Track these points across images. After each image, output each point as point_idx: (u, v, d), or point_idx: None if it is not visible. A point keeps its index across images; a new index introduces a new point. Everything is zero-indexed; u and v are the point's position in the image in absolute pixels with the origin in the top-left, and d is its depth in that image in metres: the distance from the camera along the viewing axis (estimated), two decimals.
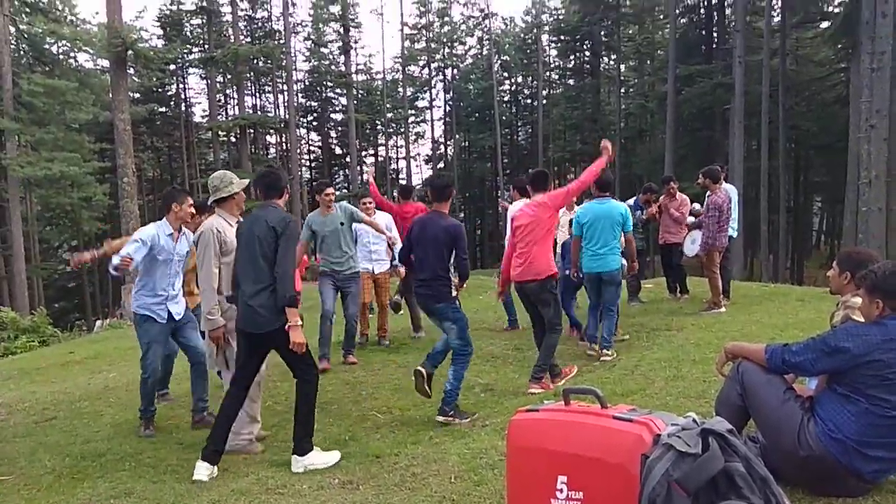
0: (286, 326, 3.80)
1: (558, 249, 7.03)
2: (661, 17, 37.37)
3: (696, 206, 8.81)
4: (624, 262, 6.38)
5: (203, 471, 3.90)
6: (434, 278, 4.73)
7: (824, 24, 27.54)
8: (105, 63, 27.92)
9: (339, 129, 45.45)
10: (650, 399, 4.32)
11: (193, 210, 5.05)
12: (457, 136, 46.65)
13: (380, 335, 7.52)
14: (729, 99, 26.13)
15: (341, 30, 38.92)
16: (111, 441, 4.87)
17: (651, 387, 4.68)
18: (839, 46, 27.08)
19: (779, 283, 13.13)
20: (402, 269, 7.18)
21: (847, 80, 25.50)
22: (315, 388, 4.08)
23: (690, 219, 8.44)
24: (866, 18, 16.65)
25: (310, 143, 47.36)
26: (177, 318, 5.03)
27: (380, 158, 47.64)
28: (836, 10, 26.14)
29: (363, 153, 46.70)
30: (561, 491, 2.10)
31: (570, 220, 6.60)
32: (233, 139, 34.46)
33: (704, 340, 5.93)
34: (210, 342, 4.45)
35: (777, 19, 27.58)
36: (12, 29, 26.92)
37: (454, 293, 4.84)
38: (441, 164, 48.23)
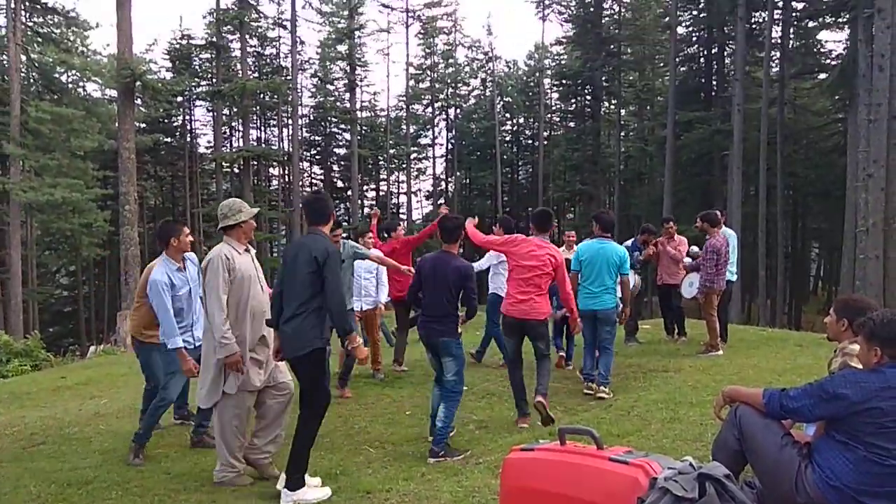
0: (348, 347, 4.03)
1: None
2: (662, 64, 38.05)
3: (695, 248, 8.84)
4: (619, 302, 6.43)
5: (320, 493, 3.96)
6: (444, 315, 4.85)
7: (822, 76, 28.06)
8: (113, 93, 28.28)
9: (342, 163, 45.79)
10: (646, 441, 4.28)
11: (191, 238, 5.20)
12: (458, 174, 47.01)
13: (374, 369, 7.47)
14: (727, 145, 26.45)
15: (348, 68, 39.51)
16: (99, 468, 4.79)
17: (647, 428, 4.63)
18: (836, 97, 27.56)
19: (776, 328, 13.10)
20: (382, 307, 7.44)
21: (844, 130, 25.87)
22: (320, 420, 4.07)
23: (687, 260, 8.47)
24: (863, 71, 17.00)
25: (312, 176, 47.67)
26: (197, 343, 4.97)
27: (381, 193, 47.94)
28: (834, 63, 26.67)
29: (364, 187, 46.99)
30: None
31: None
32: (236, 170, 34.66)
33: (702, 383, 5.90)
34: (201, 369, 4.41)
35: (776, 69, 28.11)
36: (23, 58, 27.34)
37: (458, 329, 4.95)
38: (441, 200, 48.50)
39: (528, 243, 5.43)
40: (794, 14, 26.97)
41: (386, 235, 8.04)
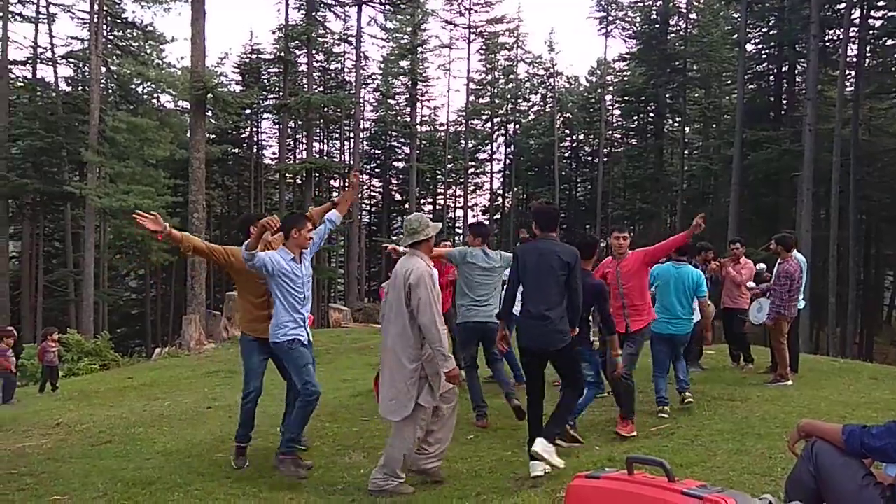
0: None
1: None
2: (729, 82, 37.06)
3: (762, 265, 8.51)
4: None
5: (535, 469, 4.31)
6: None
7: None
8: (185, 104, 29.46)
9: (401, 176, 46.38)
10: (712, 473, 4.11)
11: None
12: (515, 189, 46.90)
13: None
14: (797, 166, 25.49)
15: (409, 83, 40.10)
16: (162, 469, 4.93)
17: (712, 459, 4.45)
18: None
19: (847, 358, 12.48)
20: None
21: None
22: (578, 397, 4.83)
23: (751, 284, 8.15)
24: None
25: (371, 188, 48.43)
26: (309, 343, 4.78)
27: (438, 206, 48.21)
28: None
29: (422, 201, 47.39)
30: None
31: None
32: (299, 181, 35.51)
33: (770, 414, 5.65)
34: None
35: (850, 88, 27.00)
36: (103, 69, 28.83)
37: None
38: (498, 216, 48.42)
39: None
40: (871, 31, 25.88)
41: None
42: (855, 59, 26.32)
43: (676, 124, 40.94)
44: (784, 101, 32.45)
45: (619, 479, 2.15)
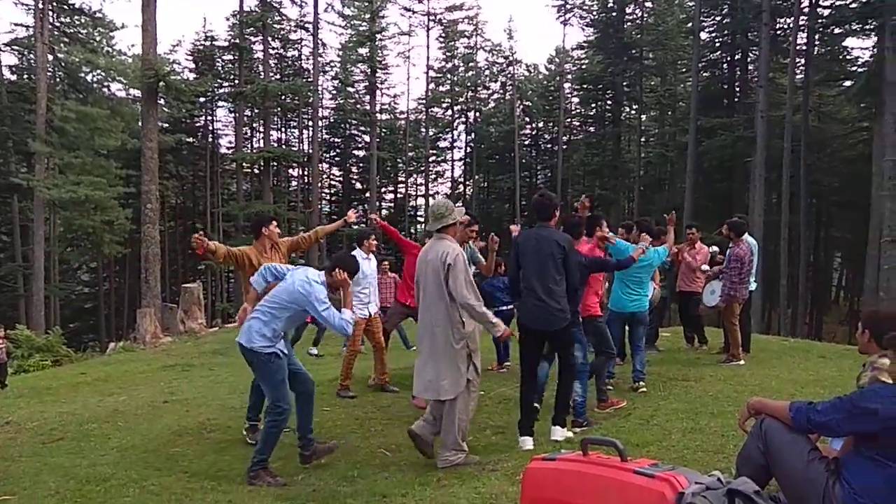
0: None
1: None
2: (684, 70, 37.72)
3: (715, 248, 8.70)
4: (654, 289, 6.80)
5: (526, 443, 4.67)
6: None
7: (848, 83, 27.63)
8: (137, 92, 28.64)
9: (361, 165, 46.00)
10: (667, 452, 4.21)
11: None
12: (476, 177, 46.98)
13: (383, 381, 7.11)
14: (749, 152, 26.14)
15: (368, 71, 39.71)
16: (117, 466, 4.82)
17: (668, 439, 4.56)
18: (862, 105, 27.11)
19: (797, 338, 12.91)
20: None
21: (870, 139, 25.44)
22: (575, 377, 5.01)
23: (705, 266, 8.34)
24: (890, 79, 16.71)
25: (331, 177, 47.92)
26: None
27: (399, 195, 48.02)
28: (860, 70, 26.25)
29: (382, 189, 47.12)
30: None
31: None
32: (256, 171, 34.95)
33: (723, 393, 5.81)
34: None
35: (800, 76, 27.74)
36: (50, 57, 27.79)
37: None
38: (459, 204, 48.41)
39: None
40: (819, 20, 26.58)
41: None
42: (805, 48, 27.03)
43: (633, 112, 41.48)
44: (737, 89, 33.17)
45: (574, 461, 2.19)
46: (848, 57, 29.79)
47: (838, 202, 31.75)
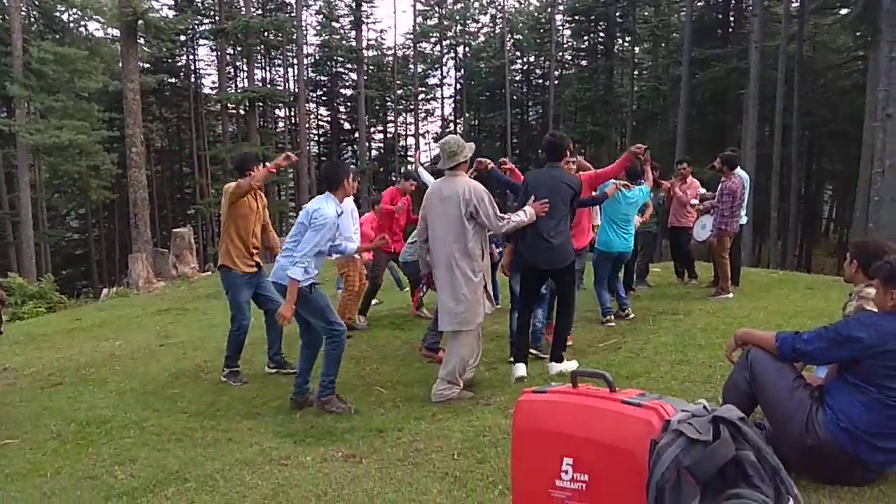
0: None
1: None
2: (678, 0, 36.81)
3: (703, 190, 8.70)
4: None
5: (519, 370, 4.81)
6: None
7: (844, 11, 27.04)
8: (115, 32, 27.72)
9: (349, 104, 45.11)
10: (655, 382, 4.31)
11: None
12: (467, 115, 46.27)
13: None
14: (743, 84, 25.76)
15: (353, 4, 38.49)
16: (116, 408, 4.90)
17: (656, 370, 4.66)
18: (858, 34, 26.57)
19: (787, 271, 13.06)
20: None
21: (865, 68, 25.05)
22: (573, 310, 5.14)
23: (694, 201, 8.34)
24: (887, 6, 16.28)
25: (319, 117, 47.08)
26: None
27: (388, 135, 47.36)
28: None
29: (372, 129, 46.43)
30: (566, 473, 2.09)
31: None
32: (241, 112, 34.22)
33: (711, 326, 5.90)
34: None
35: (795, 5, 27.09)
36: None
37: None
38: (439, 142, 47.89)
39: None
40: None
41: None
42: None
43: (626, 44, 40.62)
44: (732, 19, 32.40)
45: (564, 393, 2.23)
46: None
47: (831, 133, 31.51)
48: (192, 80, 39.88)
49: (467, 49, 45.44)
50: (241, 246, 5.36)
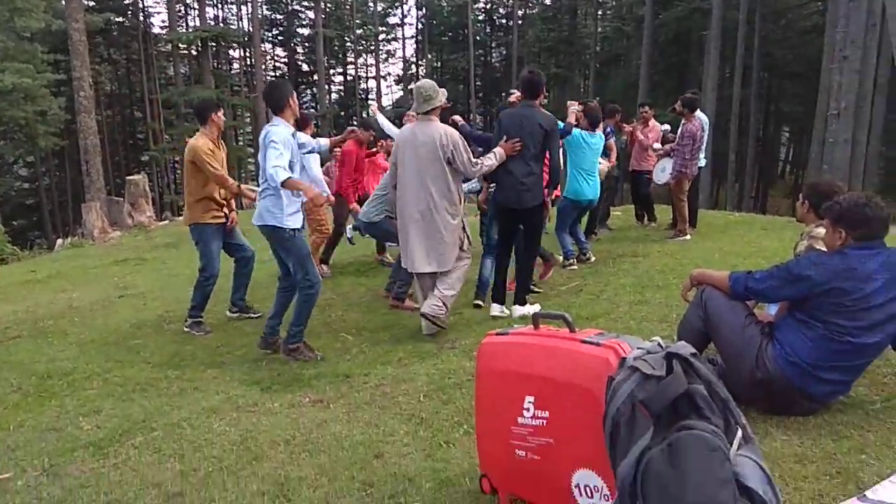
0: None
1: None
2: None
3: (667, 126, 8.77)
4: None
5: (496, 309, 5.06)
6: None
7: None
8: None
9: (306, 44, 43.72)
10: (615, 323, 4.43)
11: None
12: (429, 56, 45.38)
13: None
14: (705, 24, 25.73)
15: None
16: (77, 360, 4.84)
17: (616, 311, 4.78)
18: None
19: (743, 212, 13.38)
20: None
21: (824, 10, 25.20)
22: (537, 251, 5.33)
23: (657, 145, 8.41)
24: None
25: (275, 58, 45.64)
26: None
27: (348, 77, 46.24)
28: None
29: (331, 71, 45.23)
30: (528, 410, 2.16)
31: None
32: (194, 52, 32.89)
33: (669, 267, 6.05)
34: None
35: None
36: None
37: None
38: (412, 85, 47.01)
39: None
40: None
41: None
42: None
43: None
44: None
45: (526, 334, 2.28)
46: None
47: (790, 75, 31.83)
48: (141, 19, 38.05)
49: None
50: (210, 200, 5.31)
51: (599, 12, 39.87)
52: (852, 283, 2.74)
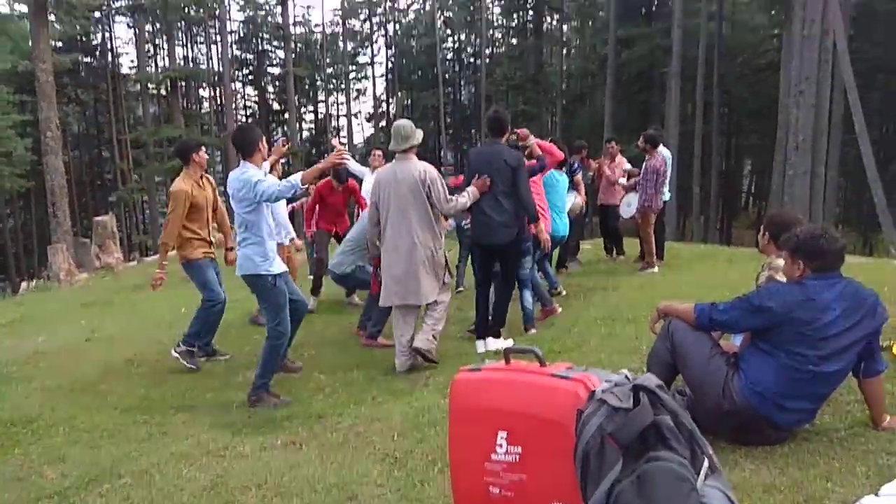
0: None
1: None
2: None
3: (628, 165, 9.00)
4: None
5: (480, 346, 5.12)
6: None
7: None
8: (23, 8, 26.04)
9: (277, 83, 44.00)
10: (586, 356, 4.47)
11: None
12: (399, 94, 45.93)
13: None
14: (666, 62, 26.58)
15: None
16: (43, 406, 4.72)
17: (587, 344, 4.83)
18: (772, 12, 27.79)
19: (709, 244, 13.67)
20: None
21: (779, 47, 26.25)
22: (512, 289, 5.31)
23: (622, 180, 8.61)
24: None
25: (246, 97, 45.76)
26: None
27: (320, 115, 46.52)
28: None
29: (302, 109, 45.49)
30: (500, 446, 2.17)
31: None
32: (163, 92, 32.87)
33: (638, 300, 6.14)
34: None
35: None
36: None
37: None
38: (383, 123, 47.53)
39: None
40: None
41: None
42: None
43: (555, 22, 41.10)
44: None
45: (497, 370, 2.30)
46: None
47: (749, 111, 32.91)
48: (110, 59, 37.97)
49: (398, 27, 44.99)
50: (198, 238, 5.37)
51: (564, 51, 40.98)
52: (811, 313, 2.83)
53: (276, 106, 44.97)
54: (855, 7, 23.90)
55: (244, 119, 45.50)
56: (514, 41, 43.60)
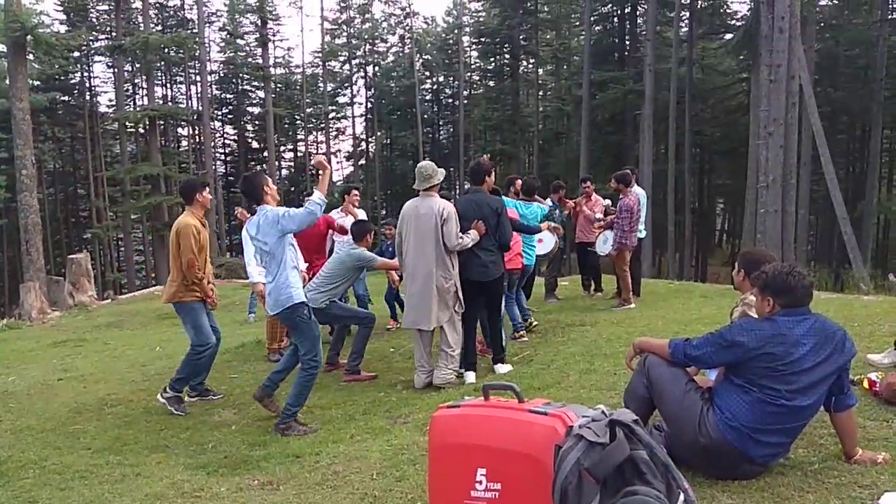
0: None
1: None
2: (577, 23, 38.55)
3: (607, 201, 9.17)
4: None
5: (470, 377, 5.36)
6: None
7: (728, 36, 29.22)
8: (2, 48, 26.02)
9: (257, 122, 44.22)
10: (565, 392, 4.50)
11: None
12: (378, 134, 46.38)
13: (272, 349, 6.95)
14: (639, 105, 27.30)
15: (259, 22, 37.92)
16: (12, 448, 4.60)
17: (566, 380, 4.86)
18: (741, 57, 28.77)
19: (684, 281, 13.87)
20: None
21: (748, 90, 27.13)
22: (499, 315, 5.77)
23: (599, 215, 8.76)
24: (765, 32, 17.74)
25: (225, 136, 45.87)
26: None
27: (299, 154, 46.70)
28: (739, 24, 27.80)
29: (282, 148, 45.67)
30: (480, 483, 2.18)
31: None
32: (141, 130, 32.81)
33: (615, 335, 6.20)
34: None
35: (685, 30, 29.06)
36: None
37: None
38: (362, 161, 47.84)
39: None
40: None
41: None
42: (689, 1, 28.26)
43: (531, 66, 42.08)
44: (627, 43, 34.31)
45: (476, 406, 2.33)
46: (728, 11, 31.51)
47: (720, 151, 33.81)
48: (88, 97, 37.96)
49: (377, 68, 45.67)
50: (195, 279, 5.27)
51: (540, 93, 41.89)
52: (782, 347, 2.89)
53: (255, 144, 45.11)
54: (818, 53, 24.89)
55: (224, 157, 45.54)
56: (491, 83, 44.49)
